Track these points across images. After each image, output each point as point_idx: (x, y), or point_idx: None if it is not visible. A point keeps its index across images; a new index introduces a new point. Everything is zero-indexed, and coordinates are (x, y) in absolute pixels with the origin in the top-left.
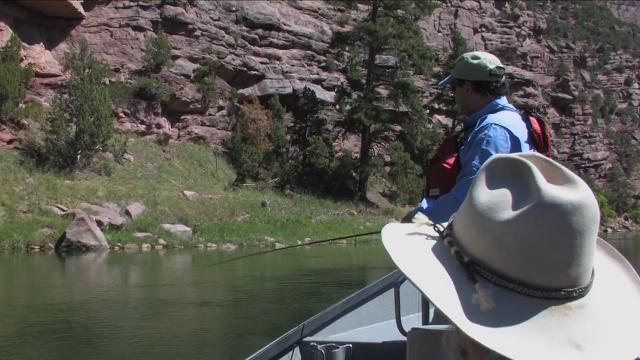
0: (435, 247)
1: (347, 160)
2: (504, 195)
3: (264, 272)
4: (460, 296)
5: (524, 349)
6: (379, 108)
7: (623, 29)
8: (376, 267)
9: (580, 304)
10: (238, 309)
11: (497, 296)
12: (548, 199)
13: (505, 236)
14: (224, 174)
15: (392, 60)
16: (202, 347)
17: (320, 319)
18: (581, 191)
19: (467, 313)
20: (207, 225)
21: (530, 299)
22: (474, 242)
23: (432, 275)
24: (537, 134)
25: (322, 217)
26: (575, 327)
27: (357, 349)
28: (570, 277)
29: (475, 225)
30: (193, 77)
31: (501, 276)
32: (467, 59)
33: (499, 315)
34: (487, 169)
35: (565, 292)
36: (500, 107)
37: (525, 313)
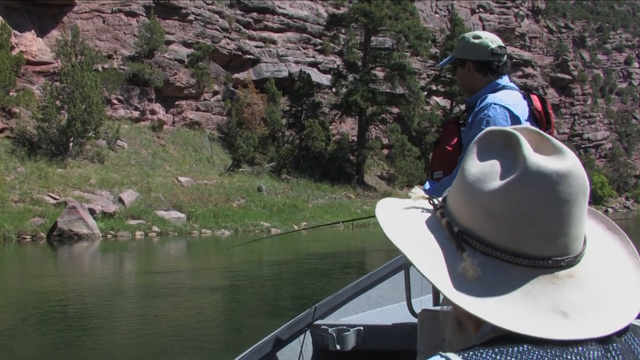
0: (429, 219)
1: (344, 144)
2: (493, 166)
3: (261, 257)
4: (448, 265)
5: (508, 316)
6: (376, 90)
7: (623, 7)
8: (376, 250)
9: (570, 273)
10: (244, 294)
11: (484, 265)
12: (533, 168)
13: (492, 206)
14: (220, 159)
15: (389, 42)
16: (212, 331)
17: (330, 302)
18: (568, 161)
19: (454, 281)
20: (202, 212)
21: (518, 268)
22: (463, 212)
23: (421, 245)
24: (538, 112)
25: (319, 201)
26: (563, 296)
27: (368, 331)
28: (558, 246)
29: (464, 196)
30: (187, 62)
31: (489, 245)
32: (468, 39)
33: (485, 283)
34: (479, 141)
35: (553, 261)
36: (502, 86)
37: (512, 281)
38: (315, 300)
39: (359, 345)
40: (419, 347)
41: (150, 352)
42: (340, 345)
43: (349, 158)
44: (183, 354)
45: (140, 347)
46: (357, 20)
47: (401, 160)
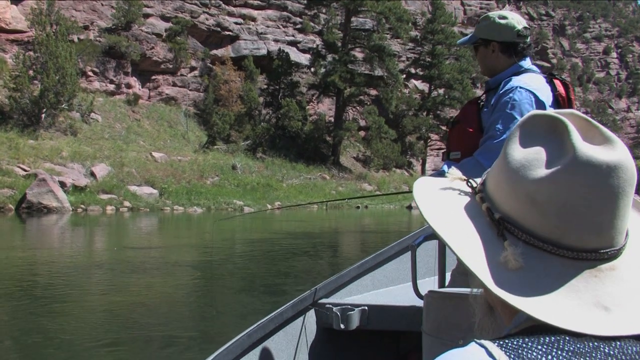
0: (467, 203)
1: (320, 124)
2: (538, 153)
3: (234, 236)
4: (488, 253)
5: (550, 308)
6: (354, 71)
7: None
8: (352, 232)
9: (612, 266)
10: (219, 271)
11: (526, 255)
12: (583, 158)
13: (537, 195)
14: (195, 135)
15: (369, 23)
16: (214, 310)
17: (335, 282)
18: (618, 152)
19: (495, 270)
20: (175, 188)
21: (560, 259)
22: (505, 199)
23: (461, 231)
24: (562, 97)
25: (294, 181)
26: (604, 289)
27: (373, 311)
28: (602, 238)
29: (507, 182)
30: (165, 37)
31: (532, 235)
32: (494, 19)
33: (527, 273)
34: (523, 125)
35: (596, 254)
36: (525, 69)
37: (554, 273)
38: (294, 276)
39: (363, 324)
40: (424, 329)
41: (119, 325)
42: (344, 324)
43: (325, 139)
44: (152, 328)
45: (106, 321)
46: (338, 0)
47: (378, 142)
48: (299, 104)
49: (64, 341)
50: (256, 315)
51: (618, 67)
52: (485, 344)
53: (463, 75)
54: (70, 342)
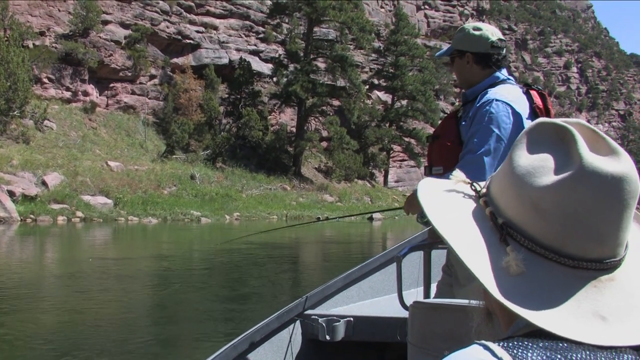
0: (471, 206)
1: (282, 134)
2: (545, 160)
3: (192, 247)
4: (490, 258)
5: (550, 317)
6: (316, 81)
7: (564, 13)
8: (312, 243)
9: (611, 277)
10: (175, 282)
11: (528, 261)
12: (589, 168)
13: (542, 202)
14: (153, 145)
15: (332, 34)
16: (201, 321)
17: (321, 293)
18: (624, 163)
19: (496, 275)
20: (130, 198)
21: (561, 267)
22: (509, 204)
23: (464, 235)
24: (539, 109)
25: (254, 191)
26: (603, 300)
27: (359, 322)
28: (603, 249)
29: (512, 188)
30: (124, 44)
31: (534, 241)
32: (468, 30)
33: (527, 280)
34: (530, 132)
35: (597, 264)
36: (501, 80)
37: (554, 280)
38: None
39: (348, 335)
40: (409, 339)
41: (66, 343)
42: (330, 335)
43: (286, 149)
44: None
45: (52, 337)
46: (300, 9)
47: (339, 153)
48: (260, 113)
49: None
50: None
51: (578, 82)
52: (487, 344)
53: (426, 87)
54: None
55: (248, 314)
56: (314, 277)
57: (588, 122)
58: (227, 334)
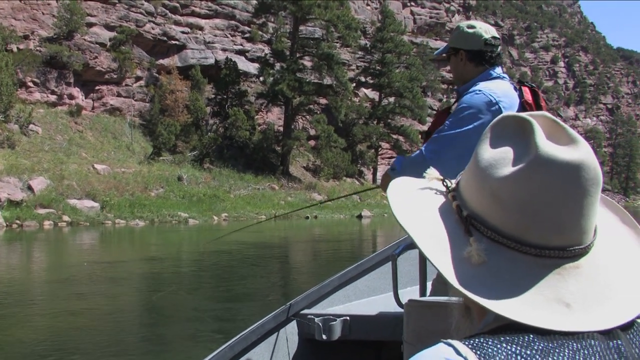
0: (441, 201)
1: (269, 134)
2: (505, 152)
3: (180, 248)
4: (453, 249)
5: (511, 304)
6: (303, 80)
7: (550, 8)
8: (299, 242)
9: (576, 265)
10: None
11: (490, 251)
12: (544, 156)
13: (500, 192)
14: (140, 147)
15: (318, 32)
16: (193, 322)
17: (317, 292)
18: (581, 151)
19: (458, 266)
20: (117, 201)
21: (523, 256)
22: (474, 197)
23: (428, 228)
24: (528, 104)
25: (242, 191)
26: (567, 287)
27: (355, 321)
28: (565, 237)
29: (475, 180)
30: (109, 46)
31: (496, 231)
32: (462, 28)
33: (490, 269)
34: (494, 127)
35: (559, 252)
36: (494, 76)
37: (516, 269)
38: (289, 289)
39: (345, 335)
40: (405, 338)
41: (58, 345)
42: (326, 334)
43: (274, 148)
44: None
45: (45, 341)
46: (285, 8)
47: (327, 151)
48: (247, 113)
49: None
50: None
51: (565, 76)
52: (452, 343)
53: (413, 84)
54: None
55: (238, 314)
56: (304, 276)
57: (576, 116)
58: (218, 332)
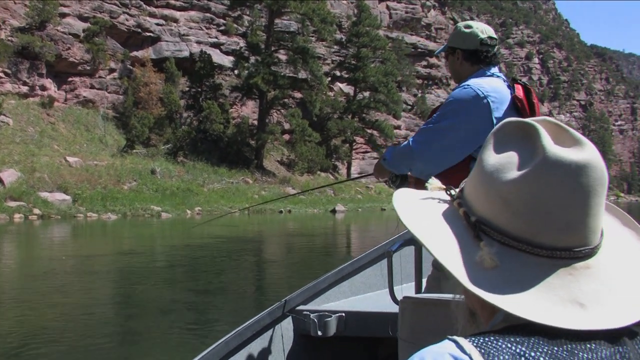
0: (446, 209)
1: (243, 127)
2: (511, 157)
3: (154, 242)
4: (465, 254)
5: (526, 305)
6: (278, 74)
7: (525, 5)
8: (273, 236)
9: (587, 264)
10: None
11: (501, 254)
12: (552, 158)
13: (509, 195)
14: (113, 139)
15: (294, 25)
16: (167, 314)
17: (313, 288)
18: (587, 152)
19: (471, 270)
20: (90, 194)
21: (535, 258)
22: (481, 202)
23: (439, 235)
24: (519, 100)
25: (215, 185)
26: (580, 287)
27: (350, 317)
28: (574, 237)
29: (482, 186)
30: (82, 37)
31: (506, 235)
32: (459, 28)
33: (503, 272)
34: (497, 132)
35: (570, 252)
36: (487, 75)
37: (529, 271)
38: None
39: (340, 331)
40: (400, 335)
41: (32, 340)
42: (321, 331)
43: (248, 142)
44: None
45: (16, 333)
46: (261, 1)
47: (302, 145)
48: (222, 106)
49: None
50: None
51: (540, 73)
52: (457, 339)
53: (388, 79)
54: None
55: (212, 307)
56: (279, 269)
57: (550, 112)
58: (193, 324)
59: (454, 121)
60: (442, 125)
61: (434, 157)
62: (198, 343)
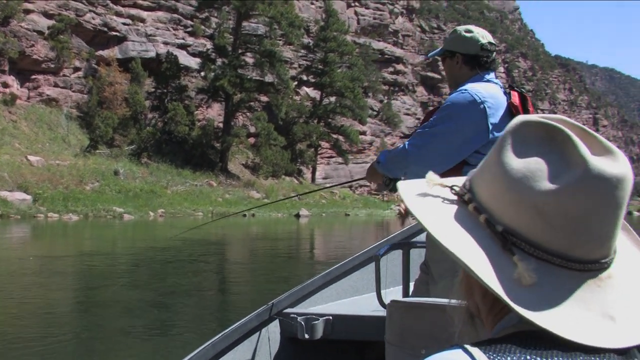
0: (457, 212)
1: (209, 130)
2: (540, 163)
3: (115, 244)
4: (498, 269)
5: (568, 324)
6: (244, 76)
7: (492, 14)
8: (237, 240)
9: (609, 274)
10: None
11: (537, 269)
12: (595, 171)
13: (546, 207)
14: (76, 139)
15: (262, 29)
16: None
17: (300, 291)
18: (622, 163)
19: (510, 287)
20: (51, 194)
21: (567, 272)
22: (507, 210)
23: (468, 247)
24: (514, 106)
25: (179, 187)
26: (608, 298)
27: (337, 320)
28: (605, 249)
29: (509, 193)
30: (47, 34)
31: (540, 248)
32: (460, 32)
33: (539, 289)
34: (515, 132)
35: (599, 264)
36: (485, 80)
37: (564, 286)
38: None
39: (327, 334)
40: (387, 338)
41: None
42: (308, 334)
43: (213, 145)
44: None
45: None
46: (229, 3)
47: (267, 149)
48: (187, 108)
49: None
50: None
51: (505, 81)
52: (468, 348)
53: (355, 84)
54: None
55: (174, 308)
56: (243, 272)
57: None
58: (154, 327)
59: (450, 125)
60: (438, 129)
61: (429, 161)
62: (158, 343)
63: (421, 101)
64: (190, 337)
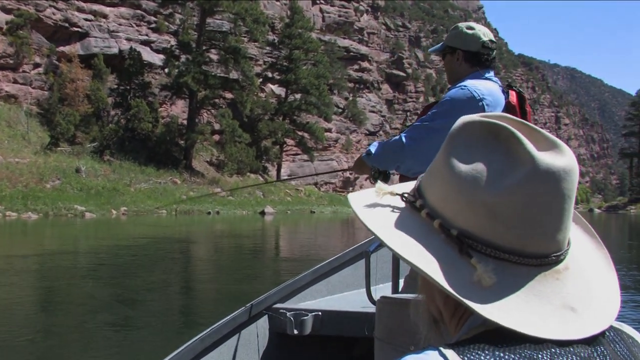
0: (410, 219)
1: (172, 127)
2: (488, 164)
3: (77, 243)
4: (457, 272)
5: (532, 320)
6: (208, 73)
7: (456, 12)
8: (201, 237)
9: (566, 265)
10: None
11: (495, 269)
12: (543, 167)
13: (498, 207)
14: (37, 136)
15: (226, 25)
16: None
17: (290, 287)
18: (567, 155)
19: (471, 290)
20: (9, 192)
21: (525, 268)
22: (459, 213)
23: (425, 253)
24: (512, 106)
25: (143, 185)
26: (567, 290)
27: (326, 316)
28: (559, 241)
29: (460, 195)
30: (5, 30)
31: (497, 248)
32: (461, 29)
33: (499, 288)
34: (459, 133)
35: (555, 257)
36: (484, 77)
37: (523, 283)
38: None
39: (316, 330)
40: (376, 334)
41: None
42: (297, 329)
43: (177, 142)
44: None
45: None
46: None
47: (232, 146)
48: (151, 105)
49: None
50: None
51: None
52: (442, 350)
53: (320, 81)
54: None
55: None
56: (207, 269)
57: None
58: (115, 322)
59: (450, 121)
60: (436, 124)
61: (424, 156)
62: (121, 340)
63: (386, 98)
64: (156, 333)
